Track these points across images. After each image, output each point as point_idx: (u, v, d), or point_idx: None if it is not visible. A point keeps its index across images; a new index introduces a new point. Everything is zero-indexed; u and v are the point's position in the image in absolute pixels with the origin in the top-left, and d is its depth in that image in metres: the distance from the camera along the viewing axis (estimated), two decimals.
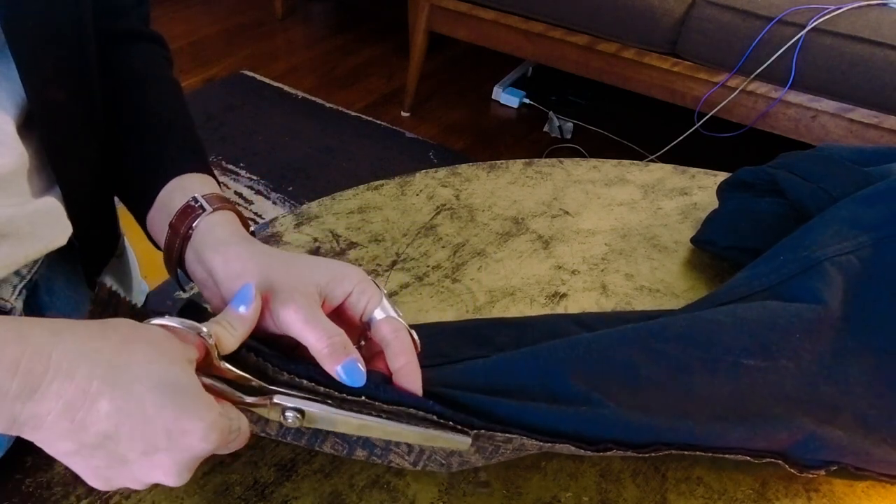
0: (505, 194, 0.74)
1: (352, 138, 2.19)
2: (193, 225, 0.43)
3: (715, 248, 0.66)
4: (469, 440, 0.40)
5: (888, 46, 1.45)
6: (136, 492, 0.45)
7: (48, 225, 0.44)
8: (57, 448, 0.33)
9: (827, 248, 0.53)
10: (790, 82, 1.56)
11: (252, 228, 0.45)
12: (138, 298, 0.67)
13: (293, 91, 2.39)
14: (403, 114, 2.32)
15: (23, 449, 0.46)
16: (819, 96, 1.57)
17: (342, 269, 0.42)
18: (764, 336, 0.49)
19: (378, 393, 0.40)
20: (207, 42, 2.67)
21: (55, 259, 0.50)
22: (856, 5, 1.50)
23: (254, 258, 0.41)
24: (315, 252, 0.64)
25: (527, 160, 0.80)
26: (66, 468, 0.45)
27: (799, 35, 1.51)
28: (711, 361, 0.48)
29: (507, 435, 0.41)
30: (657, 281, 0.64)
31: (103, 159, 0.50)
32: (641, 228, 0.71)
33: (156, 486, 0.45)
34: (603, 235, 0.70)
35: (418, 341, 0.43)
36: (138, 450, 0.33)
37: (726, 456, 0.45)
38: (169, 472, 0.34)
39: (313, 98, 2.36)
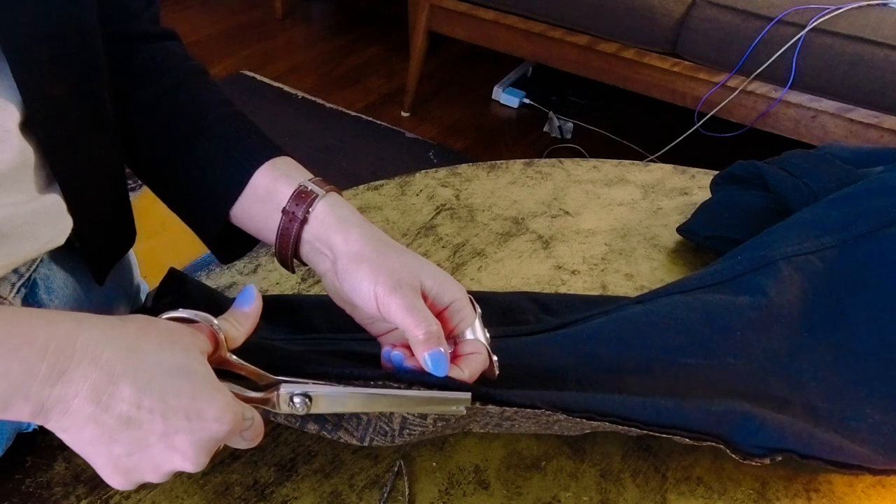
0: (505, 194, 0.74)
1: (352, 138, 2.18)
2: (311, 209, 0.45)
3: (696, 237, 0.67)
4: (468, 396, 0.41)
5: (888, 46, 1.45)
6: (137, 492, 0.45)
7: (47, 224, 0.44)
8: (81, 435, 0.35)
9: (785, 248, 0.54)
10: (790, 82, 1.56)
11: None
12: (138, 298, 0.66)
13: (293, 91, 2.39)
14: (403, 114, 2.32)
15: (23, 449, 0.46)
16: (819, 96, 1.57)
17: (448, 280, 0.44)
18: (703, 335, 0.50)
19: (398, 373, 0.42)
20: (207, 42, 2.67)
21: (54, 258, 0.50)
22: (856, 5, 1.50)
23: (371, 242, 0.44)
24: None
25: (527, 160, 0.80)
26: (67, 468, 0.45)
27: (799, 35, 1.51)
28: (645, 361, 0.49)
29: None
30: (657, 281, 0.64)
31: (112, 157, 0.50)
32: (641, 228, 0.71)
33: (156, 486, 0.45)
34: (603, 235, 0.70)
35: (497, 368, 0.45)
36: (158, 431, 0.35)
37: (663, 435, 0.45)
38: (187, 454, 0.36)
39: (313, 98, 2.36)
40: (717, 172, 0.72)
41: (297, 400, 0.40)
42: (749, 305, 0.51)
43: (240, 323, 0.41)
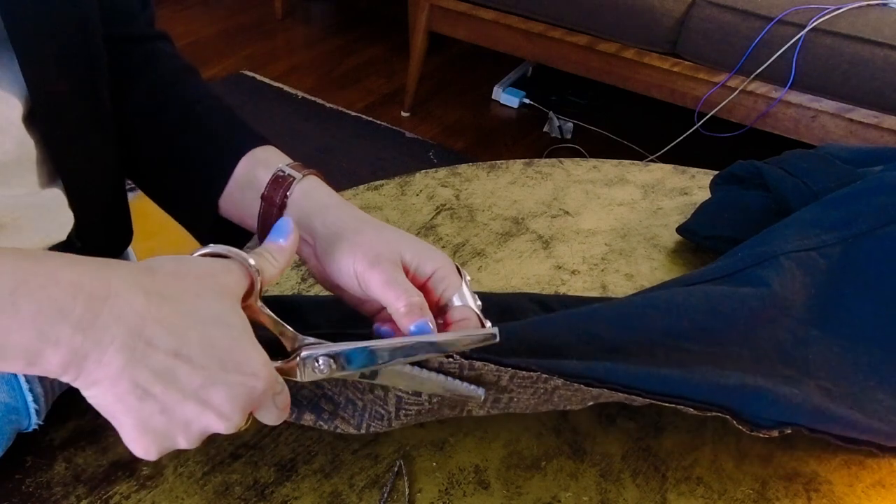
0: (505, 194, 0.74)
1: (352, 138, 2.19)
2: (288, 193, 0.45)
3: (696, 237, 0.68)
4: (495, 330, 0.40)
5: (888, 46, 1.45)
6: (137, 491, 0.45)
7: (47, 218, 0.44)
8: (113, 390, 0.31)
9: (785, 244, 0.54)
10: (790, 82, 1.56)
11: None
12: None
13: (293, 91, 2.39)
14: (403, 114, 2.32)
15: (23, 449, 0.46)
16: (819, 96, 1.57)
17: (428, 249, 0.44)
18: (704, 322, 0.50)
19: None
20: (207, 42, 2.67)
21: None
22: (856, 5, 1.50)
23: (348, 221, 0.44)
24: None
25: (527, 160, 0.80)
26: (67, 468, 0.45)
27: (799, 35, 1.51)
28: (648, 345, 0.48)
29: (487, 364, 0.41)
30: (657, 281, 0.64)
31: (111, 154, 0.51)
32: (641, 228, 0.71)
33: (156, 486, 0.45)
34: (603, 235, 0.70)
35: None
36: (194, 384, 0.32)
37: (665, 404, 0.45)
38: (223, 410, 0.33)
39: (313, 98, 2.36)
40: (717, 172, 0.72)
41: (321, 360, 0.38)
42: (751, 296, 0.51)
43: (276, 258, 0.39)
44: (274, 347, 0.39)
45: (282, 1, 2.82)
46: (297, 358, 0.39)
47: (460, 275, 0.45)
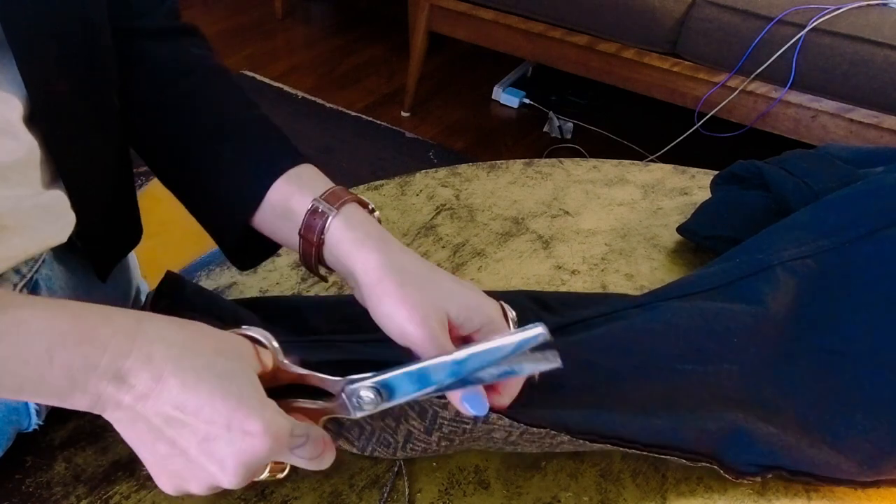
0: (505, 194, 0.74)
1: (352, 138, 2.19)
2: (324, 232, 0.44)
3: (696, 237, 0.68)
4: (540, 329, 0.37)
5: (888, 46, 1.45)
6: (137, 492, 0.45)
7: (49, 220, 0.44)
8: (131, 431, 0.36)
9: (783, 252, 0.54)
10: (790, 82, 1.56)
11: (376, 214, 0.47)
12: (139, 299, 0.66)
13: (293, 91, 2.39)
14: (403, 114, 2.32)
15: (23, 449, 0.46)
16: (819, 96, 1.57)
17: (476, 300, 0.42)
18: (700, 342, 0.50)
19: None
20: None
21: (57, 258, 0.50)
22: (856, 5, 1.50)
23: (391, 273, 0.41)
24: None
25: (527, 160, 0.80)
26: (67, 468, 0.46)
27: (799, 35, 1.51)
28: (643, 368, 0.49)
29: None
30: (657, 281, 0.64)
31: (112, 155, 0.50)
32: (641, 228, 0.71)
33: (156, 486, 0.45)
34: (603, 235, 0.70)
35: (536, 378, 0.43)
36: (199, 436, 0.35)
37: (660, 455, 0.45)
38: (225, 466, 0.35)
39: (313, 98, 2.36)
40: (717, 172, 0.72)
41: (366, 393, 0.38)
42: (746, 312, 0.51)
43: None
44: (322, 394, 0.40)
45: (282, 1, 2.82)
46: (342, 395, 0.39)
47: (506, 317, 0.43)
